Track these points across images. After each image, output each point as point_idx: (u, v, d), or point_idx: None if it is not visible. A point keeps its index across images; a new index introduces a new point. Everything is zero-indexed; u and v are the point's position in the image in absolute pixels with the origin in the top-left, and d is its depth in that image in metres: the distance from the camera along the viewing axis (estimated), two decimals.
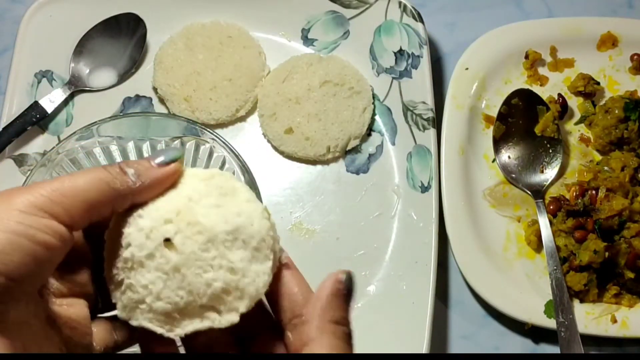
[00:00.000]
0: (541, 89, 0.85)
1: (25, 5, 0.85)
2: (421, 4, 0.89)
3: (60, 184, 0.38)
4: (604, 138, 0.81)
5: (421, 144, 0.80)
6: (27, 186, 0.38)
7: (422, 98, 0.81)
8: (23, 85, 0.83)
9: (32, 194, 0.37)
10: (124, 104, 0.84)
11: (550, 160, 0.81)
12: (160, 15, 0.86)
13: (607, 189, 0.77)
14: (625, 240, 0.75)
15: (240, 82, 0.83)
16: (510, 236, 0.79)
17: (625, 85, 0.85)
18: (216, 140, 0.71)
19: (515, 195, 0.81)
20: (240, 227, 0.40)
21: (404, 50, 0.83)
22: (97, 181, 0.39)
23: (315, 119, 0.81)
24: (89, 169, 0.39)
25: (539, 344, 0.77)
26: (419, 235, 0.76)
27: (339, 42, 0.86)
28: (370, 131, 0.83)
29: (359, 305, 0.76)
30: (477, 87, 0.83)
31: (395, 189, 0.80)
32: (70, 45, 0.85)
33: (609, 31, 0.85)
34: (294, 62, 0.84)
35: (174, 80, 0.83)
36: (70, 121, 0.83)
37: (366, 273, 0.77)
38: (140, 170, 0.40)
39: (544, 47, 0.85)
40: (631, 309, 0.75)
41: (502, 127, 0.82)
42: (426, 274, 0.74)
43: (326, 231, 0.79)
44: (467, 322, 0.78)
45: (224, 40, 0.84)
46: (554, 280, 0.74)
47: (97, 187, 0.38)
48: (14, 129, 0.79)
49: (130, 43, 0.85)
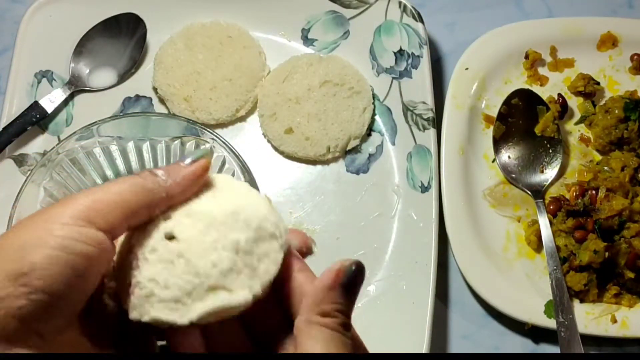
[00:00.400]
0: (541, 89, 0.85)
1: (25, 5, 0.85)
2: (421, 4, 0.89)
3: (95, 192, 0.38)
4: (604, 138, 0.81)
5: (421, 144, 0.80)
6: (62, 200, 0.38)
7: (422, 98, 0.81)
8: (23, 85, 0.83)
9: (68, 206, 0.37)
10: (124, 104, 0.84)
11: (550, 160, 0.81)
12: (160, 15, 0.86)
13: (607, 189, 0.77)
14: (625, 240, 0.75)
15: (240, 82, 0.83)
16: (510, 236, 0.79)
17: (625, 85, 0.85)
18: (216, 140, 0.71)
19: (515, 195, 0.81)
20: (238, 209, 0.40)
21: (404, 50, 0.83)
22: (130, 185, 0.39)
23: (315, 119, 0.81)
24: (121, 177, 0.40)
25: (539, 344, 0.77)
26: (419, 235, 0.76)
27: (339, 42, 0.86)
28: (370, 131, 0.83)
29: (359, 305, 0.76)
30: (477, 87, 0.83)
31: (395, 189, 0.80)
32: (70, 45, 0.85)
33: (609, 31, 0.85)
34: (294, 62, 0.84)
35: (174, 80, 0.83)
36: (70, 121, 0.83)
37: (366, 273, 0.77)
38: (170, 170, 0.41)
39: (544, 47, 0.85)
40: (631, 309, 0.75)
41: (502, 127, 0.82)
42: (426, 274, 0.74)
43: (326, 231, 0.79)
44: (467, 322, 0.78)
45: (224, 40, 0.84)
46: (554, 280, 0.74)
47: (131, 190, 0.39)
48: (14, 129, 0.79)
49: (130, 43, 0.85)
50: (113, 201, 0.38)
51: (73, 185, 0.73)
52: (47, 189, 0.71)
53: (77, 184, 0.74)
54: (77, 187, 0.74)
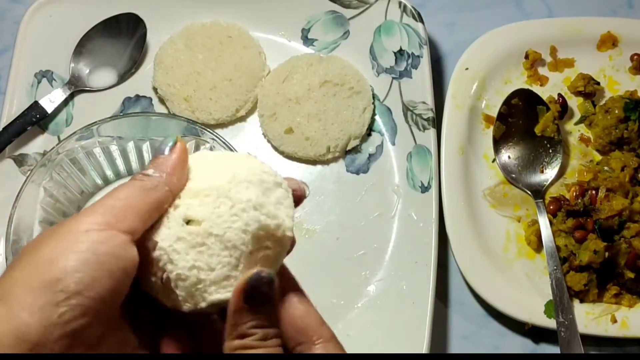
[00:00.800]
0: (541, 89, 0.85)
1: (25, 5, 0.85)
2: (421, 4, 0.89)
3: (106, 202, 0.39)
4: (604, 138, 0.81)
5: (421, 144, 0.80)
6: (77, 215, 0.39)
7: (422, 98, 0.81)
8: (23, 85, 0.83)
9: (87, 215, 0.38)
10: (124, 104, 0.84)
11: (550, 160, 0.81)
12: (160, 15, 0.86)
13: (607, 189, 0.77)
14: (625, 240, 0.75)
15: (240, 82, 0.83)
16: (510, 236, 0.79)
17: (625, 85, 0.85)
18: (216, 140, 0.71)
19: (515, 195, 0.81)
20: (234, 173, 0.41)
21: (404, 50, 0.83)
22: (134, 189, 0.40)
23: (315, 119, 0.81)
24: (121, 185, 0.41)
25: (539, 344, 0.77)
26: (419, 235, 0.76)
27: (339, 42, 0.86)
28: (370, 131, 0.83)
29: (359, 305, 0.76)
30: (477, 87, 0.83)
31: (395, 189, 0.80)
32: (70, 45, 0.85)
33: (609, 31, 0.85)
34: (294, 62, 0.84)
35: (174, 80, 0.83)
36: (70, 121, 0.83)
37: (366, 273, 0.77)
38: (157, 165, 0.42)
39: (544, 47, 0.85)
40: (631, 309, 0.75)
41: (502, 127, 0.82)
42: (426, 274, 0.74)
43: (326, 231, 0.79)
44: (467, 322, 0.78)
45: (224, 40, 0.84)
46: (554, 280, 0.74)
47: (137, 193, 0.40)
48: (14, 129, 0.79)
49: (130, 43, 0.85)
50: (126, 206, 0.39)
51: (73, 185, 0.73)
52: (47, 189, 0.71)
53: (77, 184, 0.74)
54: (77, 187, 0.74)
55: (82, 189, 0.74)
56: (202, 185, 0.41)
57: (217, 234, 0.40)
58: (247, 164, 0.42)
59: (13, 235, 0.67)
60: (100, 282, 0.36)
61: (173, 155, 0.42)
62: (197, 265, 0.39)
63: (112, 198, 0.39)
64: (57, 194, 0.72)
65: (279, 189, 0.42)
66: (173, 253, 0.40)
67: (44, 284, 0.35)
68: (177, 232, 0.40)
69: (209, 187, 0.41)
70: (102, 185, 0.75)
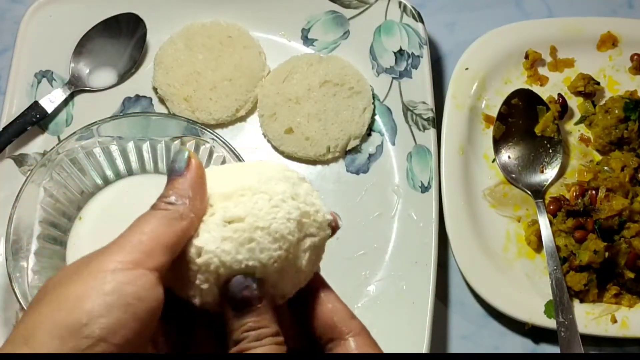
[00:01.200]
0: (541, 89, 0.85)
1: (25, 5, 0.85)
2: (421, 4, 0.89)
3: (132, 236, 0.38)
4: (604, 138, 0.81)
5: (421, 144, 0.80)
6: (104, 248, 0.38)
7: (422, 98, 0.81)
8: (23, 85, 0.83)
9: (114, 252, 0.37)
10: (124, 104, 0.84)
11: (550, 160, 0.81)
12: (160, 15, 0.86)
13: (607, 189, 0.77)
14: (625, 240, 0.75)
15: (240, 82, 0.83)
16: (510, 236, 0.79)
17: (625, 85, 0.85)
18: (216, 140, 0.71)
19: (515, 195, 0.81)
20: (259, 172, 0.41)
21: (404, 50, 0.83)
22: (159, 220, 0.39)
23: (315, 119, 0.81)
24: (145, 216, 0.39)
25: (539, 344, 0.77)
26: (419, 235, 0.76)
27: (339, 42, 0.86)
28: (370, 131, 0.83)
29: (359, 306, 0.76)
30: (477, 87, 0.83)
31: (395, 189, 0.80)
32: (70, 45, 0.85)
33: (609, 31, 0.85)
34: (294, 62, 0.84)
35: (174, 80, 0.83)
36: (70, 121, 0.83)
37: (366, 273, 0.77)
38: (177, 190, 0.40)
39: (544, 47, 0.85)
40: (631, 309, 0.75)
41: (502, 127, 0.82)
42: (426, 274, 0.74)
43: None
44: (467, 322, 0.78)
45: (224, 40, 0.84)
46: (554, 280, 0.74)
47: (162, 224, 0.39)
48: (14, 129, 0.79)
49: (130, 43, 0.85)
50: (153, 241, 0.38)
51: (73, 185, 0.73)
52: (47, 189, 0.71)
53: (77, 184, 0.74)
54: (77, 187, 0.74)
55: (82, 189, 0.74)
56: (232, 188, 0.41)
57: (263, 227, 0.39)
58: (267, 166, 0.43)
59: (13, 235, 0.67)
60: (126, 326, 0.35)
61: (190, 175, 0.40)
62: (251, 264, 0.39)
63: (138, 232, 0.38)
64: (57, 194, 0.72)
65: (305, 183, 0.43)
66: (223, 254, 0.39)
67: (68, 329, 0.35)
68: (221, 233, 0.39)
69: (241, 188, 0.40)
70: (102, 185, 0.75)
